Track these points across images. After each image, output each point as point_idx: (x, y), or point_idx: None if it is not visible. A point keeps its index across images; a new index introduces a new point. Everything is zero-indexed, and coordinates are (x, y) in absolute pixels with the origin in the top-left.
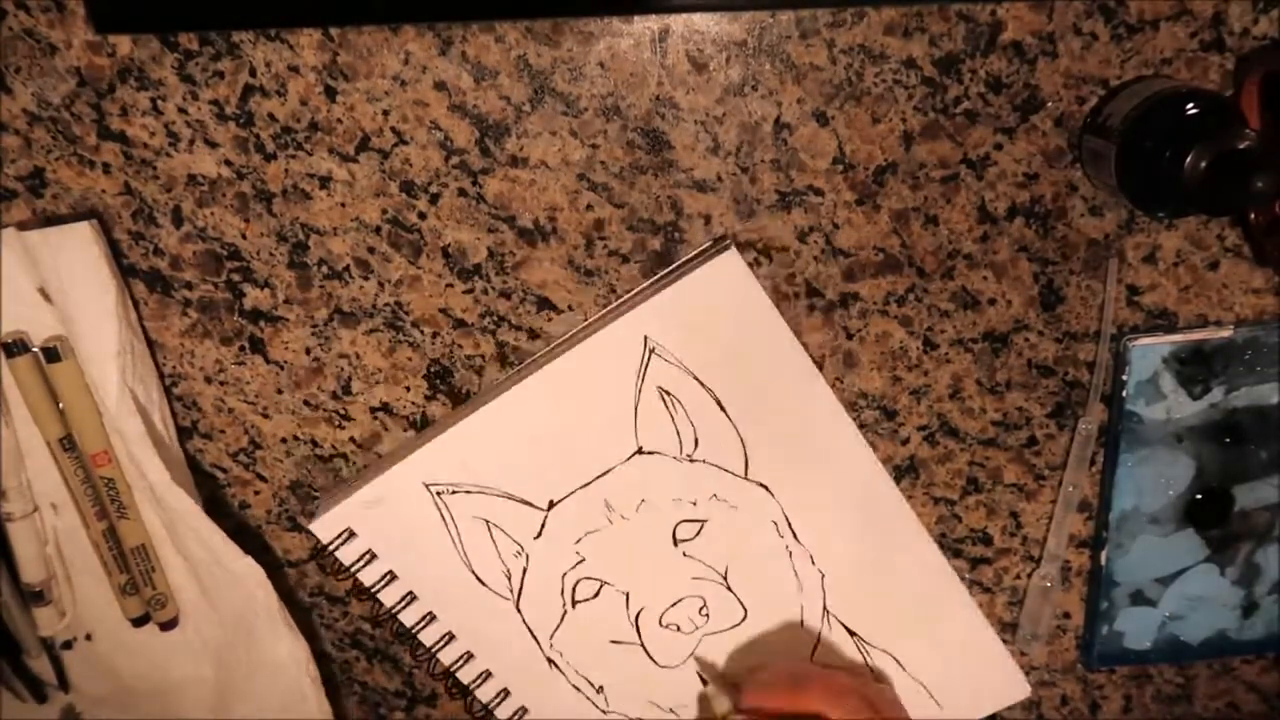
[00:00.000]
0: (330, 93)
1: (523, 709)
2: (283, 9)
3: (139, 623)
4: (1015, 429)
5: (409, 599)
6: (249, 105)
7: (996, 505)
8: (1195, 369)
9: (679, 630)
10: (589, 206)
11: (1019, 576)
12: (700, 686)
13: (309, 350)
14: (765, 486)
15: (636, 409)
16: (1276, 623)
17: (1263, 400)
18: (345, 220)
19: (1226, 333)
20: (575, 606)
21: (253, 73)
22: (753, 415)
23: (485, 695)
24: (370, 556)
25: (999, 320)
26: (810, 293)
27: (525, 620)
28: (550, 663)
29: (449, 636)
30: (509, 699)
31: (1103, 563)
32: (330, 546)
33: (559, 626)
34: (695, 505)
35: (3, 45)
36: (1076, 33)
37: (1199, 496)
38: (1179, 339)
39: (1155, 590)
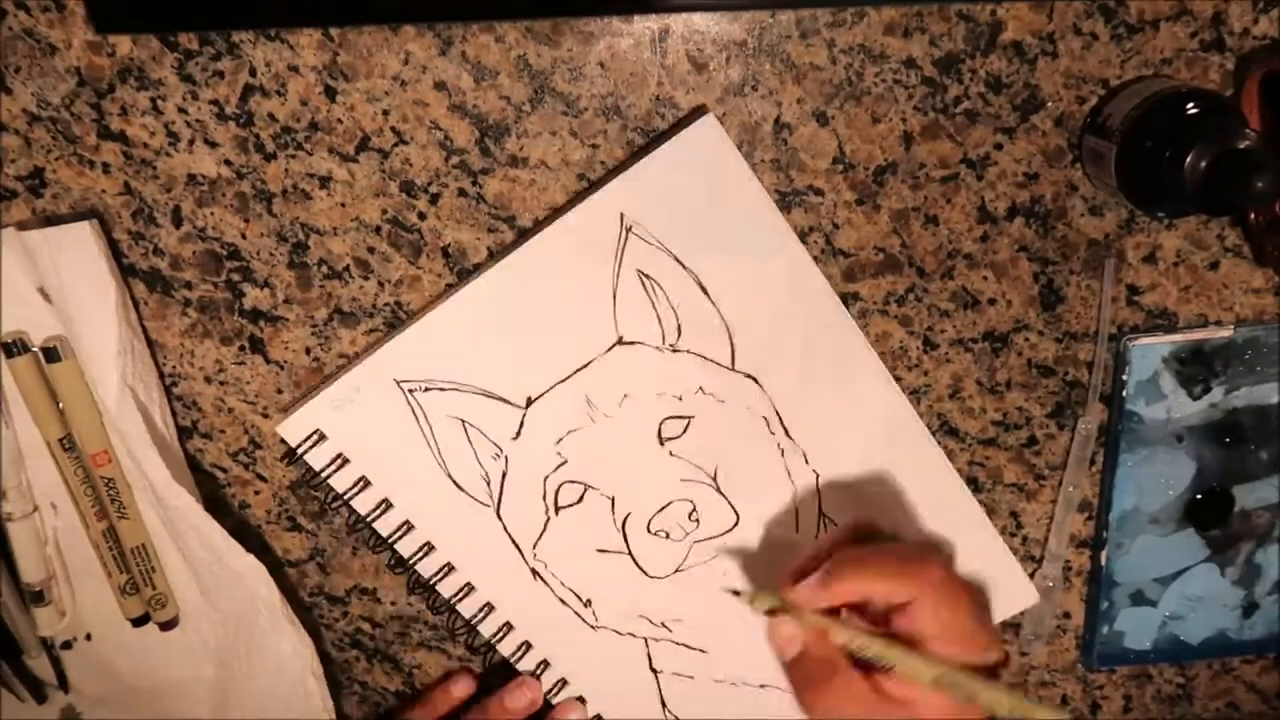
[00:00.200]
0: (330, 93)
1: (508, 625)
2: (283, 9)
3: (139, 623)
4: (1015, 429)
5: (384, 506)
6: (249, 105)
7: (996, 505)
8: (1195, 369)
9: (668, 537)
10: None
11: None
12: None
13: (309, 350)
14: (754, 378)
15: (615, 294)
16: (1276, 623)
17: (1263, 400)
18: (345, 220)
19: (1226, 333)
20: (558, 513)
21: (253, 73)
22: (737, 299)
23: (468, 610)
24: (342, 461)
25: (999, 320)
26: None
27: (506, 528)
28: (535, 574)
29: (428, 547)
30: (493, 614)
31: (1103, 563)
32: (299, 450)
33: (542, 534)
34: (680, 400)
35: (3, 45)
36: (1076, 33)
37: (1199, 496)
38: (1179, 339)
39: (1155, 590)
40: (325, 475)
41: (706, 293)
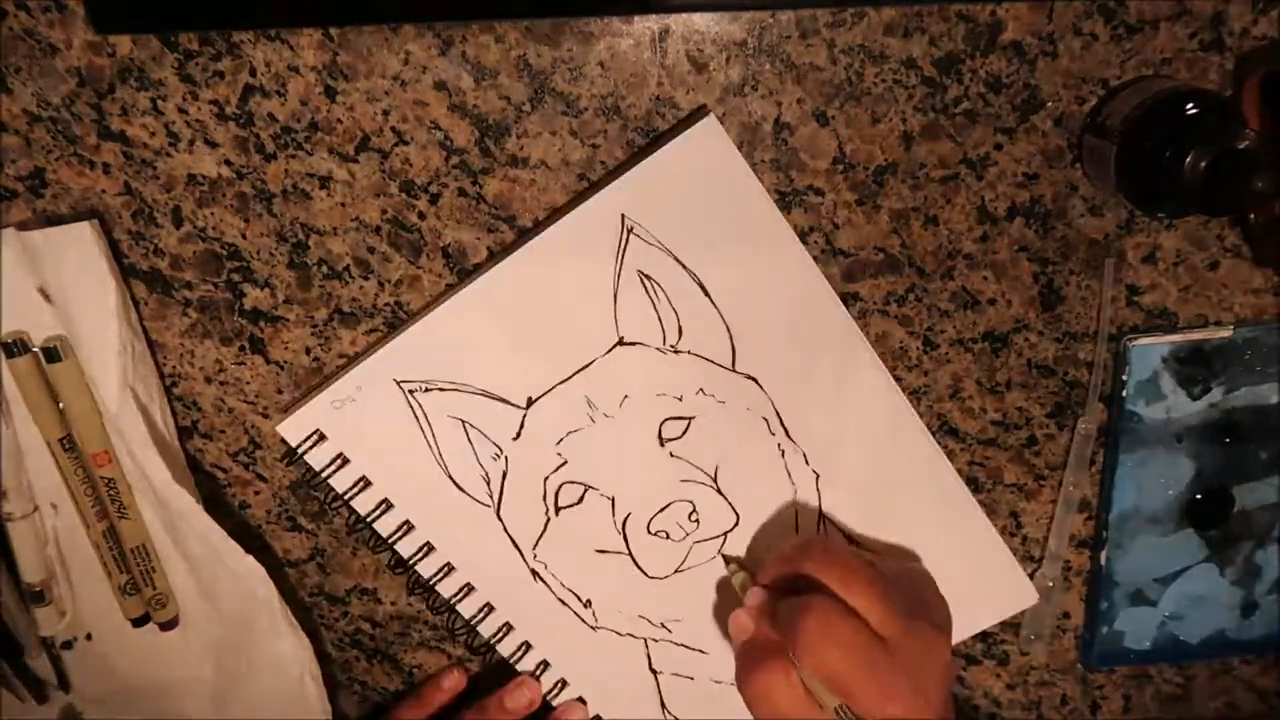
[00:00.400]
0: (330, 93)
1: (507, 625)
2: (283, 9)
3: (139, 623)
4: (1015, 429)
5: (384, 507)
6: (249, 105)
7: (996, 505)
8: (1195, 369)
9: (668, 538)
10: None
11: None
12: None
13: (309, 350)
14: (754, 379)
15: (616, 295)
16: (1276, 623)
17: (1262, 400)
18: (345, 220)
19: (1226, 333)
20: (558, 513)
21: (253, 73)
22: (738, 300)
23: (467, 611)
24: (342, 461)
25: (999, 320)
26: None
27: (507, 528)
28: (534, 575)
29: (428, 547)
30: (493, 614)
31: (1103, 563)
32: (299, 450)
33: (542, 535)
34: (681, 400)
35: (3, 45)
36: (1076, 33)
37: (1199, 496)
38: (1179, 339)
39: (1155, 590)
40: (325, 475)
41: (707, 293)
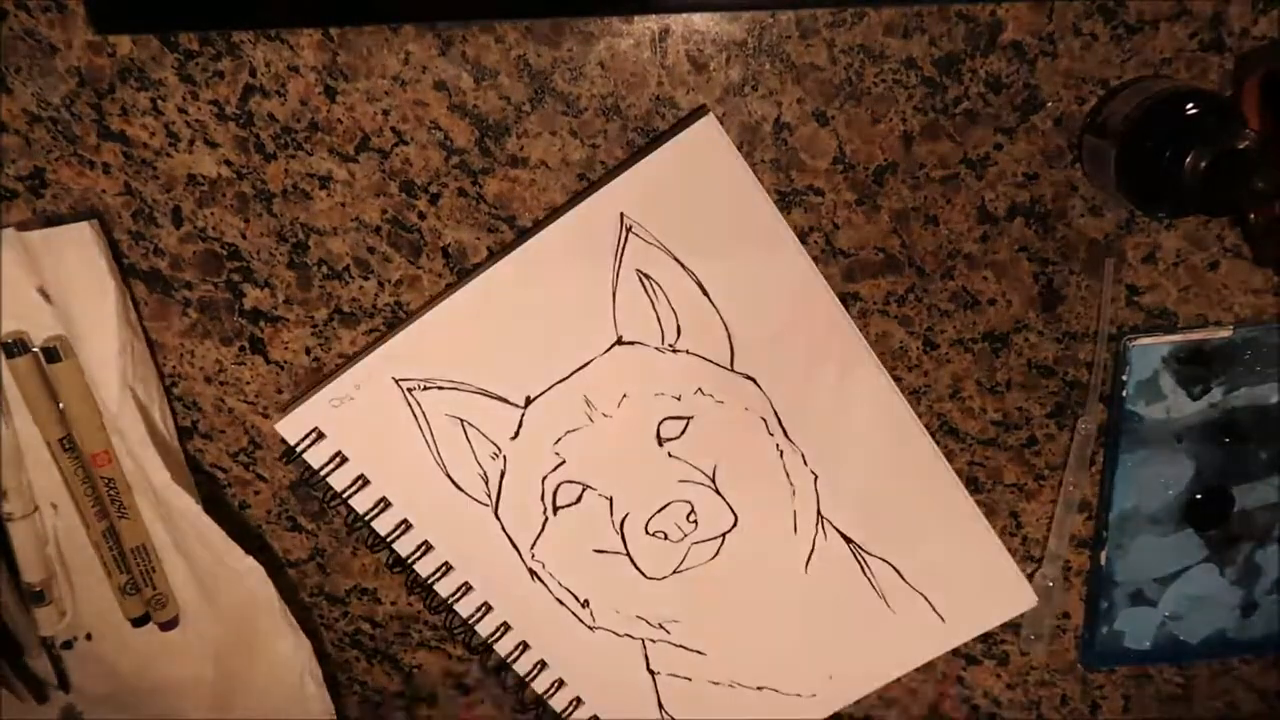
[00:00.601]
0: (330, 93)
1: (505, 625)
2: (283, 9)
3: (139, 623)
4: (1015, 429)
5: (382, 505)
6: (249, 105)
7: (996, 505)
8: (1195, 369)
9: (666, 538)
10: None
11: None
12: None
13: (309, 350)
14: (753, 379)
15: (614, 294)
16: (1276, 623)
17: (1262, 400)
18: (345, 220)
19: (1226, 333)
20: (556, 513)
21: (253, 73)
22: (737, 300)
23: (465, 610)
24: (340, 459)
25: (999, 320)
26: None
27: (505, 528)
28: (532, 574)
29: (426, 546)
30: (490, 614)
31: (1102, 563)
32: (297, 448)
33: (540, 534)
34: (679, 400)
35: (3, 45)
36: (1076, 33)
37: (1199, 496)
38: (1179, 339)
39: (1155, 590)
40: (324, 474)
41: (706, 293)
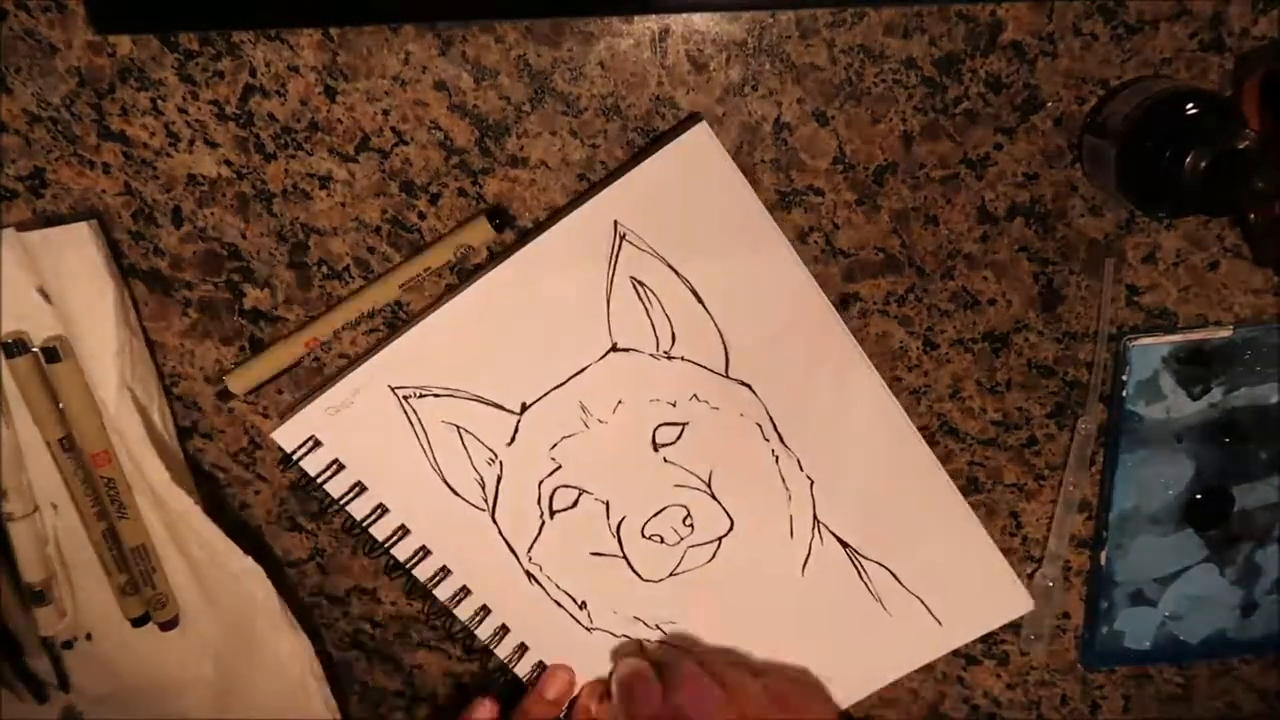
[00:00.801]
0: (330, 93)
1: (503, 627)
2: (283, 9)
3: (139, 623)
4: (1015, 429)
5: (379, 511)
6: (249, 105)
7: (996, 505)
8: (1195, 369)
9: (662, 542)
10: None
11: (1019, 577)
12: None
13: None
14: (748, 385)
15: (609, 302)
16: (1276, 623)
17: (1262, 400)
18: (345, 220)
19: (1226, 333)
20: (553, 516)
21: (253, 73)
22: (732, 307)
23: (464, 614)
24: (337, 467)
25: (999, 320)
26: None
27: (501, 532)
28: (530, 577)
29: (423, 551)
30: (489, 617)
31: (1102, 563)
32: (294, 456)
33: (537, 538)
34: (675, 406)
35: (3, 45)
36: (1076, 33)
37: (1199, 496)
38: (1179, 339)
39: (1155, 590)
40: (320, 481)
41: (700, 300)
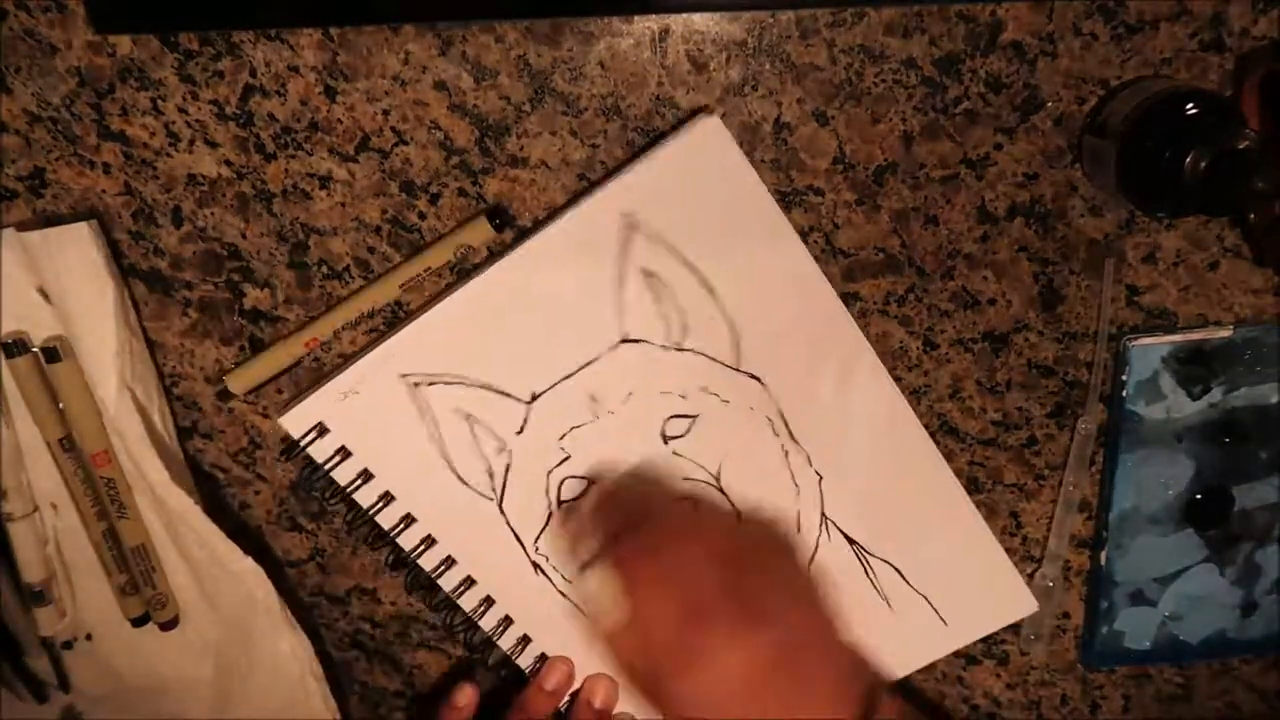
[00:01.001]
0: (330, 93)
1: (507, 619)
2: (283, 9)
3: (139, 623)
4: (1015, 429)
5: (386, 499)
6: (249, 105)
7: (996, 505)
8: (1195, 369)
9: None
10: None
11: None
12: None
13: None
14: (758, 379)
15: (619, 292)
16: (1276, 623)
17: (1262, 400)
18: (345, 220)
19: (1226, 333)
20: (561, 507)
21: (253, 73)
22: (742, 300)
23: (468, 605)
24: (344, 454)
25: (999, 320)
26: None
27: (509, 521)
28: (536, 568)
29: (429, 540)
30: (493, 608)
31: (1102, 563)
32: (301, 442)
33: (544, 528)
34: (685, 399)
35: (3, 45)
36: (1076, 33)
37: (1199, 496)
38: (1179, 339)
39: (1155, 590)
40: (327, 468)
41: (712, 292)
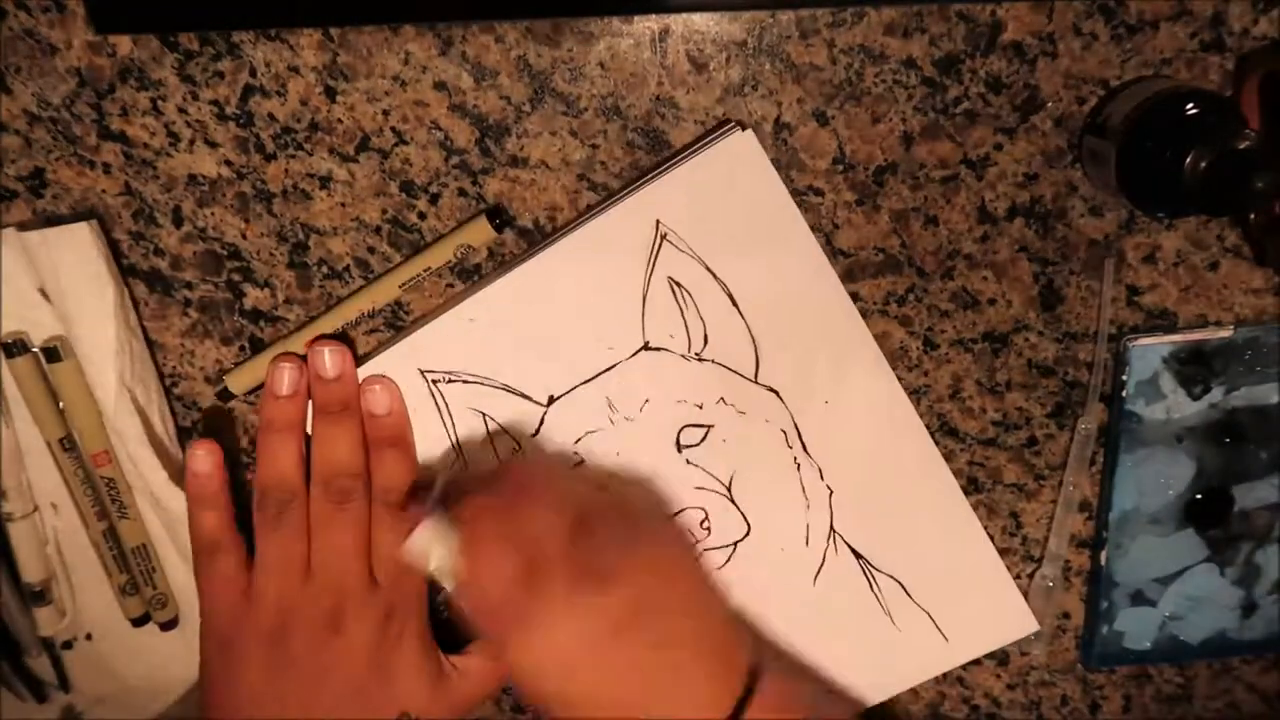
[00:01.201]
0: (330, 93)
1: None
2: (283, 9)
3: (139, 623)
4: (1015, 429)
5: None
6: (249, 105)
7: (996, 505)
8: (1195, 369)
9: None
10: (589, 207)
11: (1019, 576)
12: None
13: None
14: (776, 392)
15: (645, 300)
16: (1276, 623)
17: (1263, 400)
18: (345, 220)
19: (1226, 333)
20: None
21: (253, 73)
22: (765, 313)
23: None
24: None
25: (999, 320)
26: None
27: None
28: None
29: None
30: None
31: (1103, 563)
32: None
33: None
34: (701, 408)
35: (3, 45)
36: (1076, 33)
37: (1199, 496)
38: (1179, 339)
39: (1155, 590)
40: None
41: (735, 304)
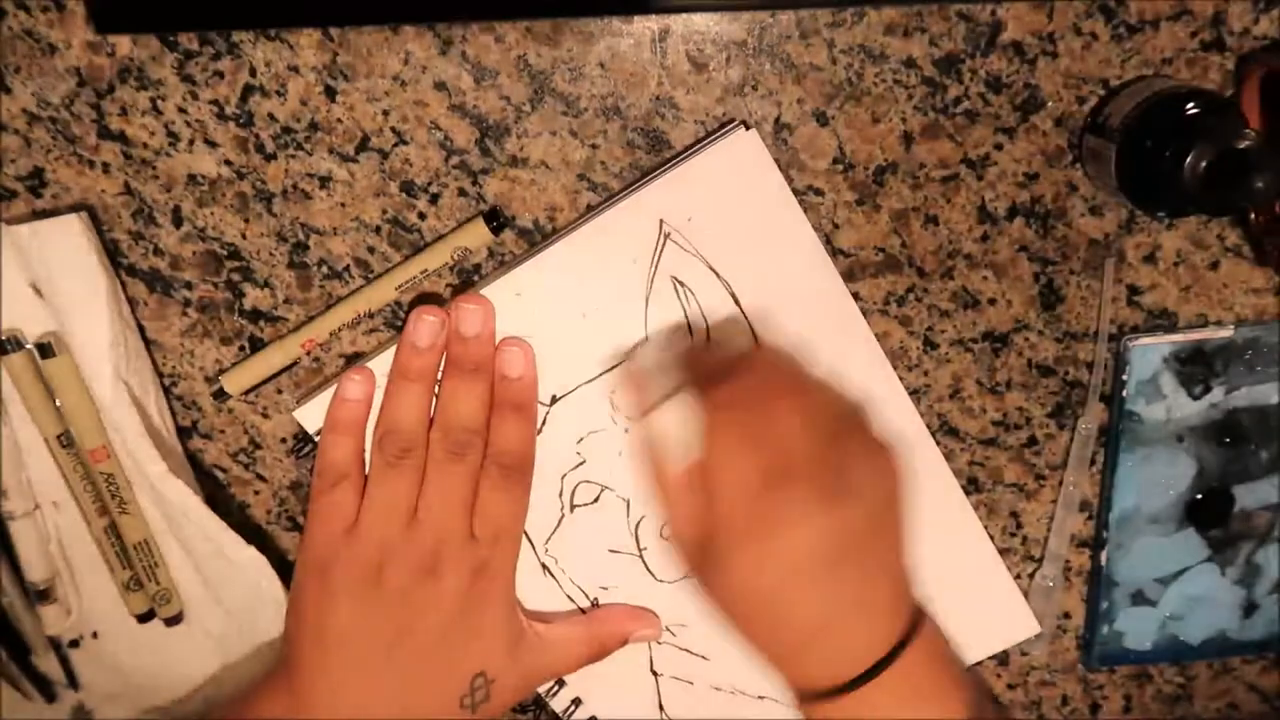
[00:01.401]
0: (330, 93)
1: None
2: (283, 9)
3: (144, 619)
4: (1015, 429)
5: None
6: (249, 105)
7: (996, 505)
8: (1195, 369)
9: None
10: (589, 207)
11: (1020, 576)
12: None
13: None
14: None
15: (648, 299)
16: (1277, 623)
17: (1263, 400)
18: (345, 220)
19: (1226, 333)
20: (573, 510)
21: (253, 73)
22: (768, 313)
23: None
24: None
25: (999, 320)
26: None
27: None
28: (544, 569)
29: None
30: None
31: (1103, 563)
32: (316, 436)
33: (555, 530)
34: None
35: (3, 45)
36: (1076, 33)
37: (1199, 496)
38: (1179, 339)
39: (1155, 590)
40: None
41: (739, 303)
